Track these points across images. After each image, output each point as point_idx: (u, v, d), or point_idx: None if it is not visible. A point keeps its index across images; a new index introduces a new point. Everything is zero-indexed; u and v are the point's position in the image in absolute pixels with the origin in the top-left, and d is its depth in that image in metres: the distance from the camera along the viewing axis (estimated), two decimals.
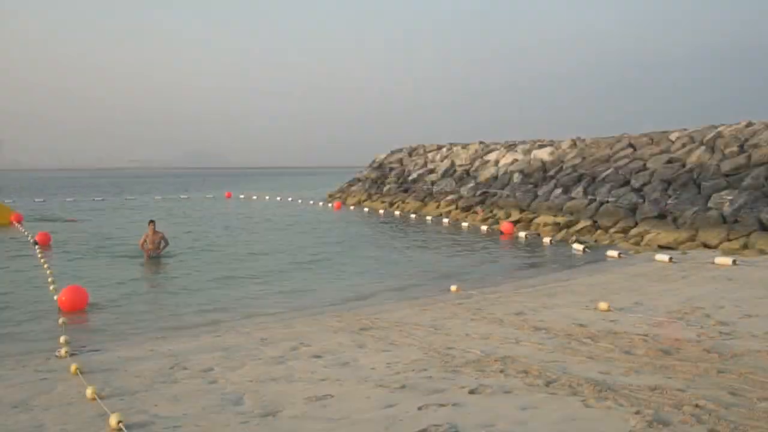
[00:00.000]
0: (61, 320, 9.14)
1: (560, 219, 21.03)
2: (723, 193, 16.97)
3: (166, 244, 16.46)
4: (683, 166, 19.70)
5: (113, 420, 4.90)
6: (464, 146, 34.79)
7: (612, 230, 18.68)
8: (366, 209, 33.43)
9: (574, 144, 27.40)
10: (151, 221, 16.56)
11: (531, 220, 22.39)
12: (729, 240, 15.40)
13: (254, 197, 47.66)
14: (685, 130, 22.61)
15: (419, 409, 5.09)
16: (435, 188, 31.47)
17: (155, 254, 16.11)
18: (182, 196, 49.93)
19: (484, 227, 23.15)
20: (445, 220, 25.98)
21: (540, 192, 24.12)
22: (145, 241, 16.16)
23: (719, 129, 20.61)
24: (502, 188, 26.48)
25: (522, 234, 20.82)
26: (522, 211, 23.60)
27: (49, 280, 12.32)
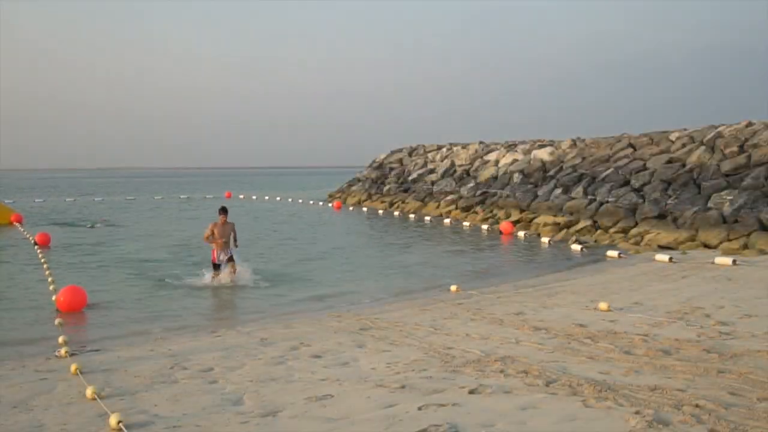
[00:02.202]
0: (58, 320, 9.14)
1: (560, 219, 21.03)
2: (723, 193, 16.97)
3: (236, 242, 13.23)
4: (683, 166, 19.70)
5: (113, 420, 4.90)
6: (464, 146, 34.79)
7: (612, 230, 18.69)
8: (365, 209, 33.44)
9: (574, 144, 27.41)
10: (223, 209, 13.17)
11: (531, 220, 22.40)
12: (729, 240, 15.41)
13: (254, 197, 47.66)
14: (685, 130, 22.61)
15: (419, 409, 5.08)
16: (435, 188, 31.48)
17: (227, 252, 12.95)
18: (182, 196, 49.92)
19: (484, 227, 23.17)
20: (446, 221, 25.99)
21: (540, 192, 24.13)
22: (212, 233, 12.89)
23: (719, 129, 20.60)
24: (502, 188, 26.48)
25: (522, 234, 20.84)
26: (522, 211, 23.61)
27: (49, 280, 12.31)
